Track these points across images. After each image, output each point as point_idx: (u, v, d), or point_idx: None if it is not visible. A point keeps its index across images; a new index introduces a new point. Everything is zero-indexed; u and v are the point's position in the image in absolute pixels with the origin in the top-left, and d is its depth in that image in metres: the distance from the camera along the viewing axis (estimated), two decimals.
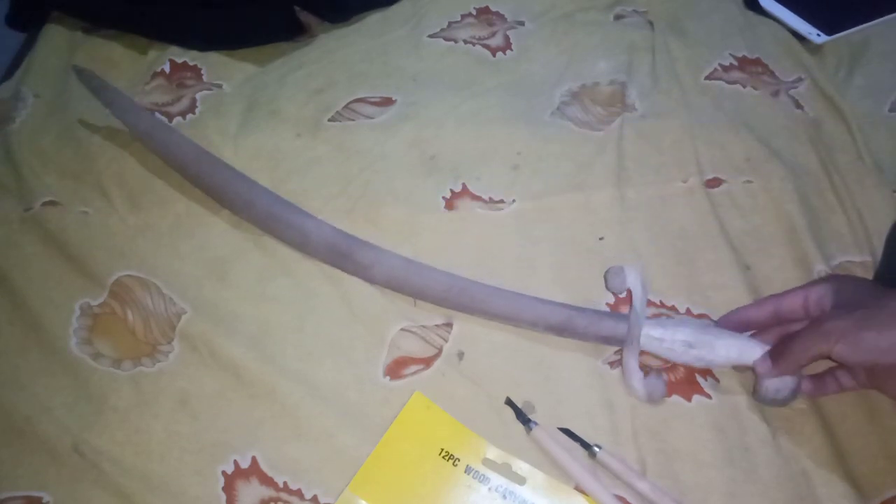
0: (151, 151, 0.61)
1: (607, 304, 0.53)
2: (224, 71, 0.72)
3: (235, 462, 0.46)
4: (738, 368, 0.49)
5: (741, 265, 0.54)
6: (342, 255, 0.54)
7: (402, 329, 0.52)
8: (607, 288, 0.50)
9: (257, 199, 0.57)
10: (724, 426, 0.47)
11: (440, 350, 0.51)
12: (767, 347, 0.46)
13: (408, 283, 0.52)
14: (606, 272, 0.49)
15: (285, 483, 0.45)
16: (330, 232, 0.55)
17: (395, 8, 0.79)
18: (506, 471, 0.45)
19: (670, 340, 0.47)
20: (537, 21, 0.76)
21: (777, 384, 0.45)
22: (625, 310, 0.52)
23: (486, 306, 0.51)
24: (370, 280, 0.53)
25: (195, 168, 0.59)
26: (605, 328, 0.49)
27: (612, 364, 0.50)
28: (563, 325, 0.49)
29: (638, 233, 0.57)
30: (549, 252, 0.56)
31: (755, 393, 0.47)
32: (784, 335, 0.46)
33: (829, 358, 0.43)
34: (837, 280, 0.47)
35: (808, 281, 0.53)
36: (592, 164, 0.61)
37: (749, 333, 0.49)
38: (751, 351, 0.46)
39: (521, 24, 0.76)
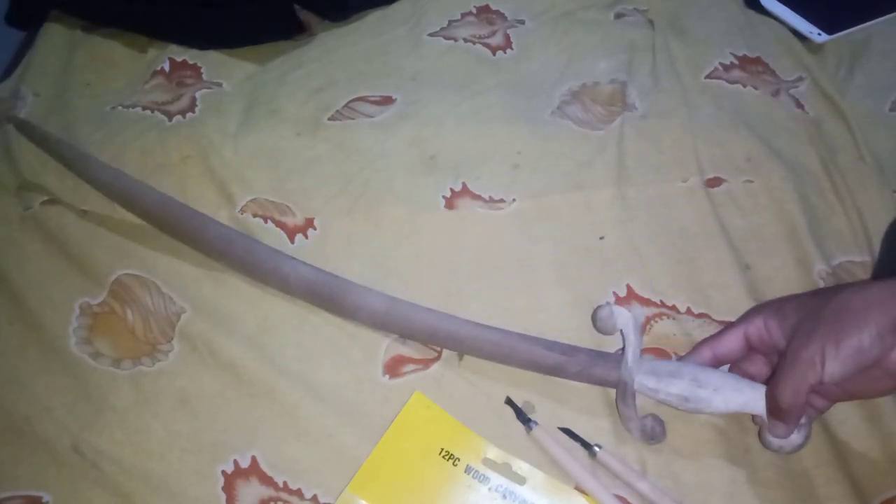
0: (116, 202, 0.58)
1: (607, 303, 0.53)
2: (224, 69, 0.72)
3: (235, 462, 0.46)
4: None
5: (741, 265, 0.54)
6: (322, 297, 0.52)
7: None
8: (595, 328, 0.47)
9: (233, 243, 0.54)
10: (724, 426, 0.47)
11: (440, 352, 0.51)
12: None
13: (392, 323, 0.50)
14: (594, 312, 0.47)
15: (285, 483, 0.45)
16: (309, 273, 0.52)
17: (394, 6, 0.78)
18: (506, 471, 0.45)
19: (665, 393, 0.44)
20: (537, 20, 0.76)
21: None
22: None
23: (475, 347, 0.49)
24: (353, 320, 0.51)
25: (162, 215, 0.56)
26: (596, 374, 0.46)
27: None
28: (555, 368, 0.47)
29: (638, 232, 0.57)
30: (549, 251, 0.56)
31: (762, 440, 0.44)
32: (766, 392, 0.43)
33: (821, 383, 0.41)
34: (772, 306, 0.45)
35: (805, 282, 0.53)
36: (593, 163, 0.61)
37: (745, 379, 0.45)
38: (755, 403, 0.43)
39: (522, 22, 0.76)
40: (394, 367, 0.50)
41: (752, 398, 0.43)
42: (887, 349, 0.40)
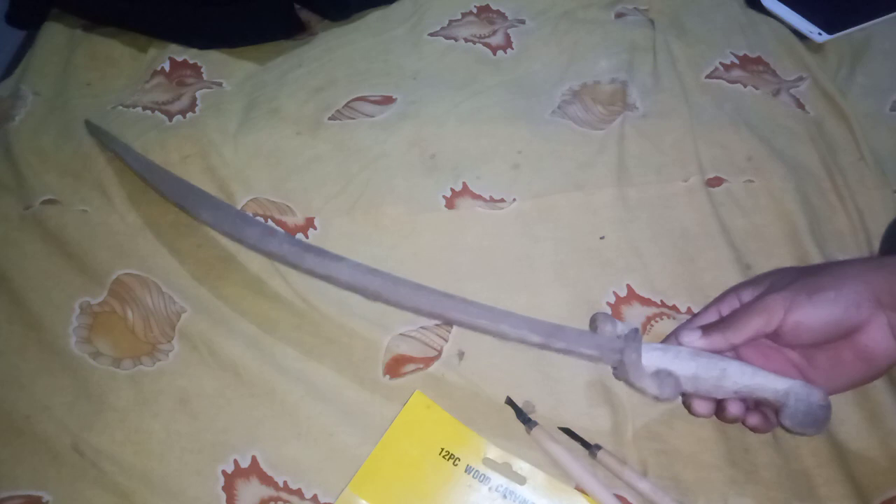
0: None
1: (608, 303, 0.53)
2: (224, 69, 0.72)
3: (235, 461, 0.46)
4: (765, 405, 0.43)
5: (742, 264, 0.54)
6: (312, 250, 0.49)
7: (400, 333, 0.51)
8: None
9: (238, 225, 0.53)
10: (724, 426, 0.47)
11: (440, 351, 0.51)
12: (795, 379, 0.40)
13: (371, 286, 0.47)
14: (592, 319, 0.46)
15: (285, 482, 0.45)
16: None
17: (395, 6, 0.78)
18: (506, 470, 0.45)
19: (673, 352, 0.42)
20: (538, 19, 0.76)
21: (804, 406, 0.40)
22: (629, 311, 0.52)
23: (463, 318, 0.46)
24: (335, 283, 0.48)
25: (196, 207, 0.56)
26: (601, 336, 0.44)
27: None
28: (554, 328, 0.44)
29: (639, 232, 0.57)
30: (549, 251, 0.56)
31: (781, 417, 0.41)
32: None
33: (773, 338, 0.39)
34: (747, 281, 0.45)
35: None
36: (593, 163, 0.61)
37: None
38: (769, 379, 0.41)
39: (522, 22, 0.76)
40: (394, 367, 0.50)
41: (767, 374, 0.41)
42: (862, 320, 0.39)
